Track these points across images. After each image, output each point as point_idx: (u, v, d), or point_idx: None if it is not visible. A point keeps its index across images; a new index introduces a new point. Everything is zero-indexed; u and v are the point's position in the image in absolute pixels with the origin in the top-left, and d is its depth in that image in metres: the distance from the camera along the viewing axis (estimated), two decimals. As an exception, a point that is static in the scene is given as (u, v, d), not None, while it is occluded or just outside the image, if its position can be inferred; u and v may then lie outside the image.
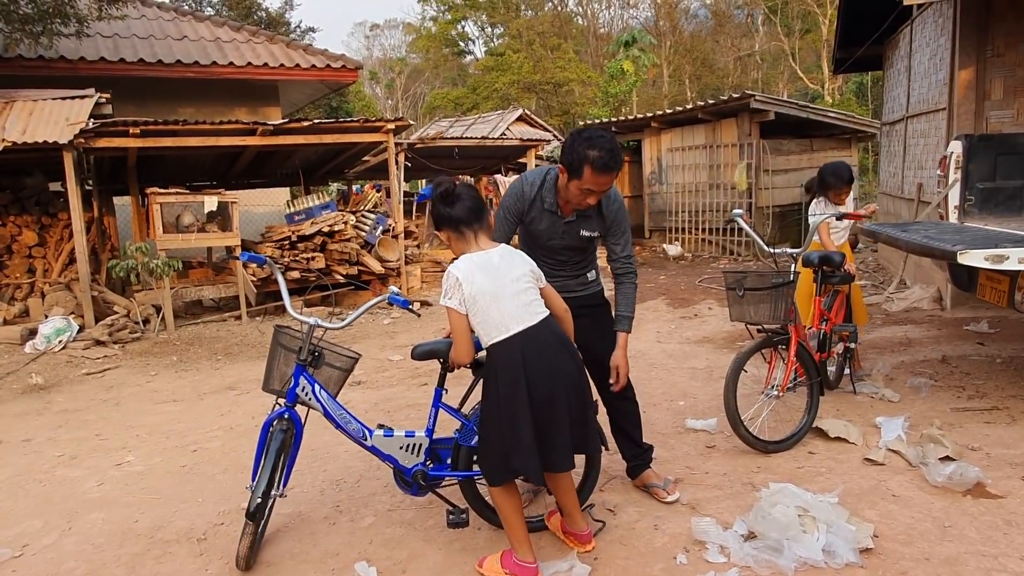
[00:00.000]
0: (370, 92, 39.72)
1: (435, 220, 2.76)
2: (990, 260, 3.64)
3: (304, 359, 2.94)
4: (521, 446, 2.60)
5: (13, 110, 7.99)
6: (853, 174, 4.96)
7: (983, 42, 6.80)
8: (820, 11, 26.69)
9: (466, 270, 2.63)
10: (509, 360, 2.62)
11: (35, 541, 3.33)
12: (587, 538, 2.93)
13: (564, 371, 2.67)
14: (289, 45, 12.54)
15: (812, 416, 4.00)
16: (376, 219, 9.95)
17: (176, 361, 6.99)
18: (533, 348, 2.63)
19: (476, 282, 2.61)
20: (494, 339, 2.64)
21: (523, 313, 2.64)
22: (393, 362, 6.49)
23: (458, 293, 2.62)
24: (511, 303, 2.63)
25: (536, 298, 2.71)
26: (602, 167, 2.84)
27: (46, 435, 4.92)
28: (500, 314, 2.62)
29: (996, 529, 2.96)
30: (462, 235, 2.70)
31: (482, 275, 2.62)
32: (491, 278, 2.63)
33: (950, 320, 6.75)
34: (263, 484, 2.82)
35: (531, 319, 2.65)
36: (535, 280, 2.74)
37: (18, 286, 8.61)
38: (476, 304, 2.62)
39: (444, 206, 2.69)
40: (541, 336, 2.65)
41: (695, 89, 31.68)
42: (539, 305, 2.70)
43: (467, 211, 2.68)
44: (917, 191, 8.13)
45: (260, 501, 2.81)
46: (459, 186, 2.73)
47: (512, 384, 2.61)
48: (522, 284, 2.67)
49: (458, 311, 2.63)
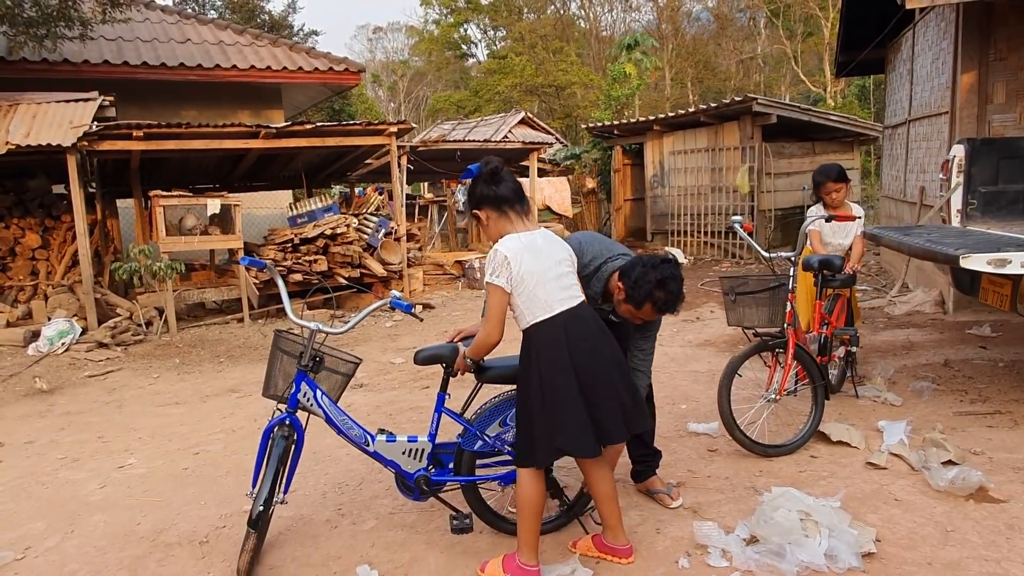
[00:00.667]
0: (373, 95, 39.77)
1: (476, 199, 2.73)
2: (993, 264, 3.64)
3: (306, 365, 2.91)
4: (567, 426, 2.60)
5: (17, 113, 8.01)
6: (843, 172, 4.91)
7: (985, 46, 6.80)
8: (822, 14, 26.69)
9: (515, 249, 2.62)
10: (553, 340, 2.63)
11: (37, 544, 3.34)
12: (628, 552, 2.87)
13: (607, 352, 2.70)
14: (292, 48, 12.56)
15: (816, 420, 3.98)
16: (378, 222, 9.97)
17: (178, 363, 6.99)
18: (577, 327, 2.65)
19: (524, 261, 2.61)
20: (538, 318, 2.65)
21: (565, 295, 2.67)
22: (395, 365, 6.50)
23: (506, 272, 2.61)
24: (554, 284, 2.65)
25: (575, 282, 2.75)
26: (662, 308, 2.90)
27: (48, 437, 4.93)
28: (546, 294, 2.63)
29: (999, 534, 2.95)
30: (505, 215, 2.69)
31: (529, 255, 2.63)
32: (537, 259, 2.64)
33: (952, 324, 6.74)
34: (264, 492, 2.78)
35: (572, 301, 2.68)
36: (572, 265, 2.79)
37: (21, 288, 8.63)
38: (523, 284, 2.62)
39: (491, 185, 2.68)
40: (583, 316, 2.69)
41: (697, 92, 31.68)
42: (577, 289, 2.75)
43: (512, 191, 2.69)
44: (919, 195, 8.12)
45: (262, 509, 2.77)
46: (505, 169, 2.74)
47: (555, 364, 2.62)
48: (564, 267, 2.70)
49: (504, 289, 2.62)
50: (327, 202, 9.92)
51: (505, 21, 36.04)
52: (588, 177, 18.03)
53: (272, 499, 2.83)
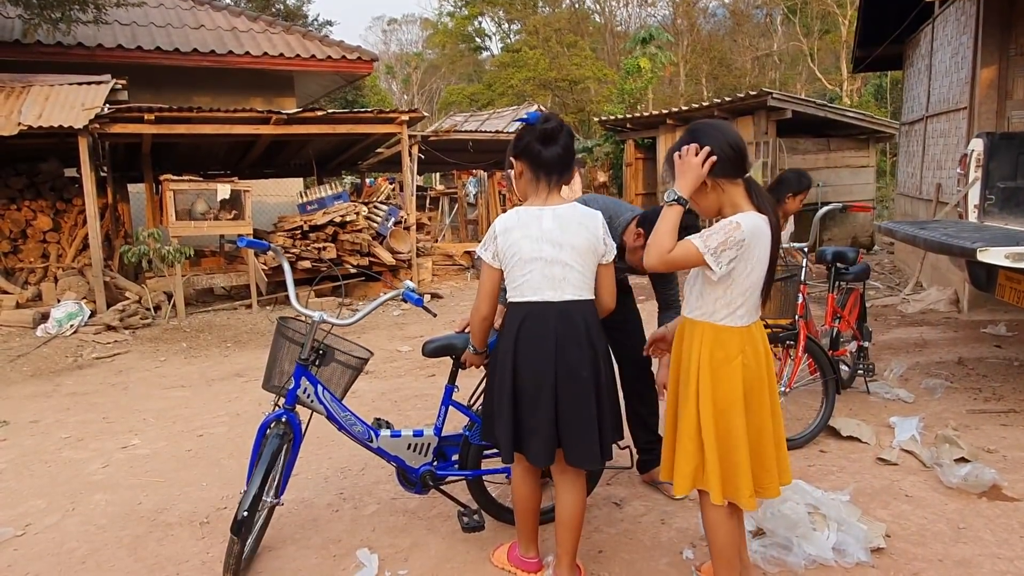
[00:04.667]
0: (386, 87, 39.75)
1: (519, 149, 2.48)
2: (1011, 258, 3.57)
3: (306, 358, 2.73)
4: (501, 417, 2.46)
5: (30, 94, 8.02)
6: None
7: (1006, 40, 6.68)
8: (840, 12, 26.40)
9: (506, 223, 2.44)
10: (508, 327, 2.47)
11: (38, 521, 3.33)
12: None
13: (567, 365, 2.38)
14: (305, 36, 12.53)
15: (827, 413, 3.92)
16: (388, 210, 9.93)
17: (185, 348, 6.99)
18: (532, 326, 2.41)
19: (512, 238, 2.42)
20: (510, 299, 2.48)
21: (545, 284, 2.40)
22: (402, 352, 6.47)
23: (492, 246, 2.46)
24: (539, 271, 2.40)
25: (570, 276, 2.41)
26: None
27: (54, 417, 4.93)
28: (523, 277, 2.42)
29: (1012, 532, 2.89)
30: (536, 179, 2.45)
31: (520, 232, 2.41)
32: (529, 238, 2.40)
33: (967, 322, 6.64)
34: (250, 496, 2.54)
35: (551, 294, 2.40)
36: (591, 256, 2.44)
37: (32, 270, 8.67)
38: (506, 259, 2.44)
39: (540, 143, 2.42)
40: (549, 315, 2.39)
41: (712, 89, 31.43)
42: (570, 285, 2.41)
43: (556, 160, 2.42)
44: (936, 192, 8.01)
45: (246, 515, 2.54)
46: (566, 129, 2.47)
47: (504, 352, 2.47)
48: (564, 255, 2.39)
49: (490, 265, 2.47)
50: (337, 190, 9.89)
51: (520, 14, 35.92)
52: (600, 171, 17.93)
53: (258, 504, 2.60)
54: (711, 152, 2.19)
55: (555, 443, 2.41)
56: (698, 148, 2.21)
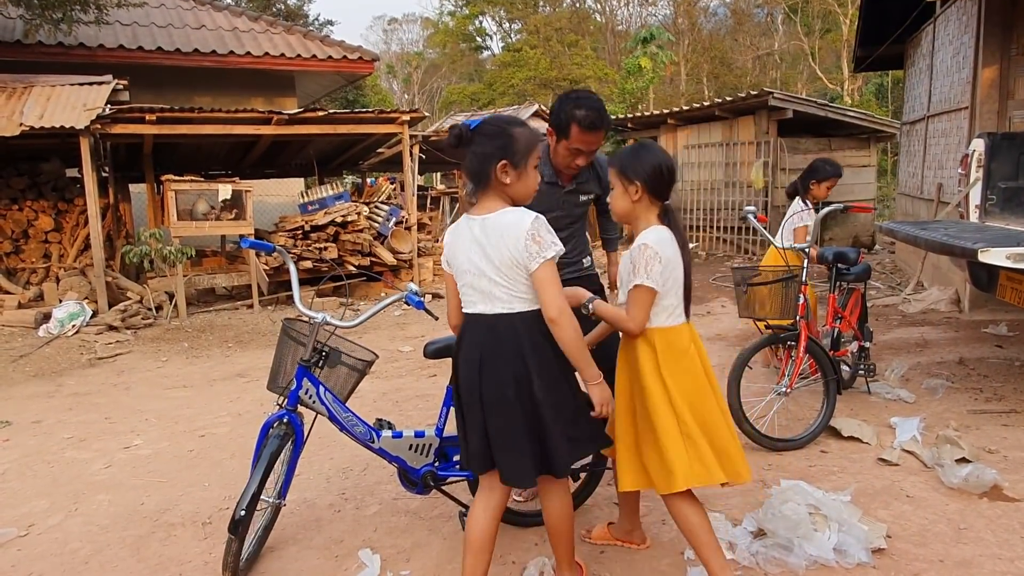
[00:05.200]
0: (387, 86, 39.74)
1: None
2: (1012, 259, 3.57)
3: (308, 359, 2.73)
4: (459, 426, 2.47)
5: (31, 95, 8.03)
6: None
7: (1008, 40, 6.68)
8: (841, 11, 26.40)
9: (449, 232, 2.38)
10: (457, 338, 2.43)
11: (41, 521, 3.34)
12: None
13: (491, 381, 2.26)
14: (306, 36, 12.54)
15: (828, 414, 3.92)
16: (389, 210, 9.94)
17: (187, 348, 7.00)
18: (467, 339, 2.35)
19: (451, 249, 2.36)
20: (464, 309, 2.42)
21: (477, 297, 2.30)
22: (403, 353, 6.48)
23: (445, 253, 2.42)
24: (470, 284, 2.29)
25: (495, 291, 2.25)
26: (589, 125, 2.84)
27: (56, 417, 4.94)
28: (463, 288, 2.34)
29: (1013, 532, 2.89)
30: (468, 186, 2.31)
31: (455, 243, 2.33)
32: (462, 250, 2.30)
33: (968, 322, 6.64)
34: (248, 496, 2.56)
35: (483, 307, 2.29)
36: (514, 269, 2.21)
37: (33, 270, 8.68)
38: (453, 269, 2.37)
39: (461, 144, 2.27)
40: (478, 329, 2.30)
41: (713, 88, 31.44)
42: (498, 299, 2.25)
43: (475, 160, 2.24)
44: (937, 192, 8.01)
45: (243, 514, 2.55)
46: (493, 127, 2.24)
47: (453, 364, 2.45)
48: (488, 269, 2.23)
49: (446, 271, 2.41)
50: (338, 190, 9.90)
51: (520, 14, 35.95)
52: (600, 171, 17.91)
53: (255, 504, 2.59)
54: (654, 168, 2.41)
55: (488, 459, 2.36)
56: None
